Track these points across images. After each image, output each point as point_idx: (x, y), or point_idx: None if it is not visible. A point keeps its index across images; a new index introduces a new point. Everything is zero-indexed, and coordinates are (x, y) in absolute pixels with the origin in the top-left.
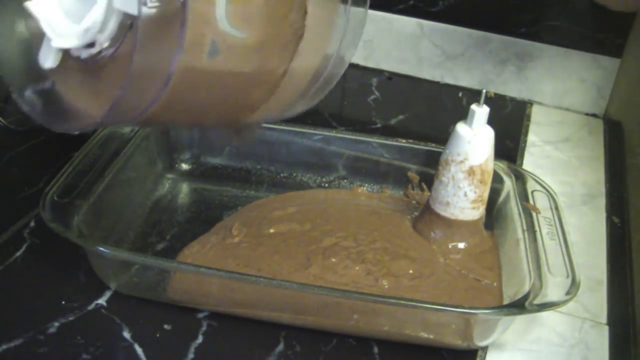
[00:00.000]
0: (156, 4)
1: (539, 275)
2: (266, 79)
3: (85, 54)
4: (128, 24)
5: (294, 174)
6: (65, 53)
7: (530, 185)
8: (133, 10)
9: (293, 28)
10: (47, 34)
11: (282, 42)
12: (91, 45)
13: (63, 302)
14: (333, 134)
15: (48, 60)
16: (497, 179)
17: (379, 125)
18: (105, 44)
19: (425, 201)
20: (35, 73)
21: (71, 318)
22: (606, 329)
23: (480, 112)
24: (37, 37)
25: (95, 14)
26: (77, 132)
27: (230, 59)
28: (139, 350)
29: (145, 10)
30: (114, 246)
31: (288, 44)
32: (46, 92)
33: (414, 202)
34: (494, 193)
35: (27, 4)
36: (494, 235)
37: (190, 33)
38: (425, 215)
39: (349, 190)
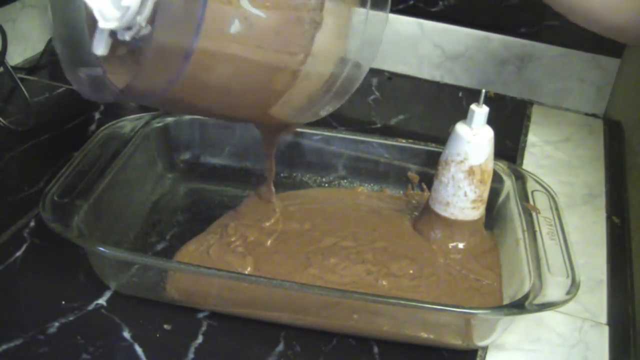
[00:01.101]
0: None
1: (539, 275)
2: (288, 62)
3: (128, 36)
4: None
5: (294, 174)
6: (114, 42)
7: (530, 185)
8: None
9: (311, 16)
10: (97, 19)
11: (301, 28)
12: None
13: (63, 302)
14: (333, 134)
15: (100, 47)
16: (497, 179)
17: (379, 125)
18: (143, 24)
19: (425, 201)
20: (87, 58)
21: (71, 318)
22: (606, 329)
23: (480, 112)
24: (92, 27)
25: None
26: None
27: (251, 36)
28: (139, 350)
29: None
30: (114, 246)
31: (307, 31)
32: (95, 76)
33: (414, 202)
34: (494, 193)
35: None
36: (494, 235)
37: (212, 8)
38: (425, 215)
39: (349, 189)
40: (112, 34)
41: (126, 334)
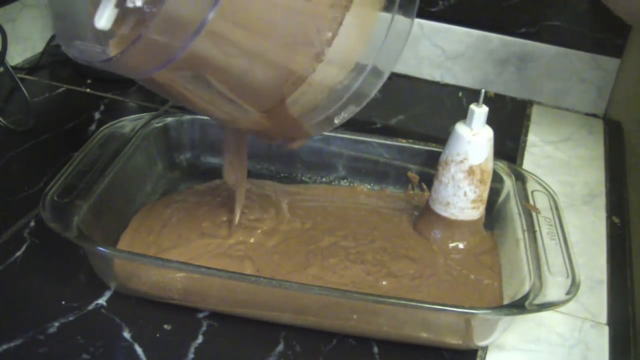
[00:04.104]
0: None
1: (539, 275)
2: (311, 40)
3: (139, 1)
4: None
5: (294, 174)
6: (119, 13)
7: (530, 185)
8: None
9: (343, 3)
10: None
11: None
12: None
13: (63, 302)
14: (333, 134)
15: (102, 20)
16: (497, 179)
17: (379, 125)
18: None
19: (425, 201)
20: (83, 31)
21: (71, 318)
22: (606, 329)
23: (480, 112)
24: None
25: None
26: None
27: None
28: (139, 350)
29: None
30: (114, 246)
31: (337, 7)
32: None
33: (413, 202)
34: (494, 193)
35: None
36: (494, 235)
37: None
38: (425, 215)
39: (349, 188)
40: (119, 3)
41: (126, 334)
